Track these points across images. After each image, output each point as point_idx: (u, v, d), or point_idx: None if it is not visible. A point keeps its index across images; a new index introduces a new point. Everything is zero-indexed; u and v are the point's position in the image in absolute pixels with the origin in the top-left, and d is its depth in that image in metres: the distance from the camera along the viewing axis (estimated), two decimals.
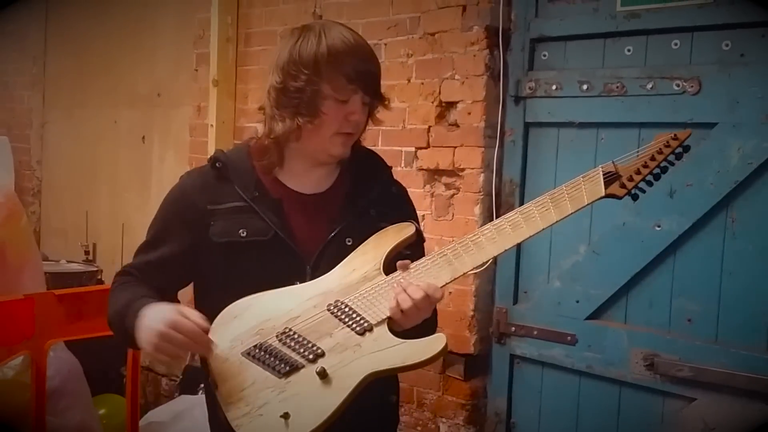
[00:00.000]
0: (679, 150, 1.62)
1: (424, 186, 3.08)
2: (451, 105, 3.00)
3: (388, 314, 1.55)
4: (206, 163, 1.76)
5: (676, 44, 2.53)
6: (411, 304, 1.52)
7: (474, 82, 2.91)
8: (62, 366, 2.98)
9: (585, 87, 2.70)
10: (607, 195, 1.59)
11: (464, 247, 1.60)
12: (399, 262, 1.61)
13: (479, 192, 2.92)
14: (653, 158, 1.61)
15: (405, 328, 1.55)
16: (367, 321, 1.55)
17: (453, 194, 3.00)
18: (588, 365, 2.70)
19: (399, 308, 1.53)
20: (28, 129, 5.50)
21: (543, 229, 1.59)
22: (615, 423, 2.66)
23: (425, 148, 3.08)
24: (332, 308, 1.59)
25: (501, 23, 2.87)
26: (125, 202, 4.74)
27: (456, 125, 2.98)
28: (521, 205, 1.67)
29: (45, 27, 5.43)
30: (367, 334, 1.54)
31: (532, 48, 2.86)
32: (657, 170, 1.61)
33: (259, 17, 3.83)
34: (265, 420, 1.48)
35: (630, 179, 1.60)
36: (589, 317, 2.71)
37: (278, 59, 1.68)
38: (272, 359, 1.54)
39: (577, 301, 2.73)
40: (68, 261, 4.32)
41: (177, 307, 1.54)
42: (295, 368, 1.52)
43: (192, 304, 1.78)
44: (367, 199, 1.75)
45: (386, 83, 2.87)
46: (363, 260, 1.65)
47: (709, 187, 2.44)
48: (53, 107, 5.41)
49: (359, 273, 1.63)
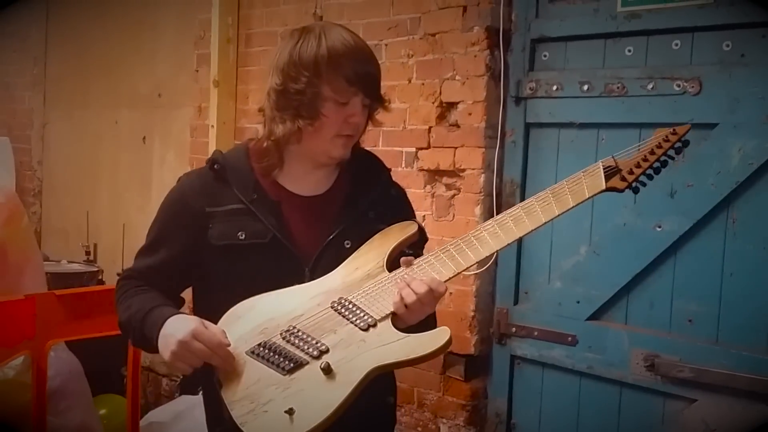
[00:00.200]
0: (679, 144, 1.63)
1: (425, 186, 3.08)
2: (452, 105, 3.00)
3: (392, 309, 1.55)
4: (204, 165, 1.75)
5: (677, 45, 2.53)
6: (415, 299, 1.52)
7: (475, 83, 2.92)
8: (63, 366, 2.98)
9: (586, 87, 2.70)
10: (608, 188, 1.60)
11: (467, 243, 1.61)
12: (402, 259, 1.62)
13: (480, 192, 2.92)
14: (653, 152, 1.62)
15: (409, 324, 1.55)
16: (371, 317, 1.55)
17: (454, 195, 3.00)
18: (588, 366, 2.69)
19: (403, 303, 1.53)
20: (29, 129, 5.50)
21: (545, 223, 1.59)
22: (615, 424, 2.66)
23: (426, 149, 3.08)
24: (336, 305, 1.59)
25: (501, 24, 2.87)
26: (126, 203, 4.74)
27: (457, 126, 2.98)
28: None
29: (46, 28, 5.42)
30: (371, 330, 1.54)
31: (533, 48, 2.86)
32: (657, 164, 1.62)
33: (260, 18, 3.83)
34: (270, 416, 1.48)
35: (630, 172, 1.61)
36: (590, 318, 2.71)
37: (278, 61, 1.68)
38: (277, 357, 1.54)
39: (578, 302, 2.73)
40: (69, 261, 4.31)
41: (199, 319, 1.57)
42: (300, 365, 1.52)
43: (190, 306, 1.78)
44: (366, 202, 1.74)
45: (387, 84, 2.89)
46: (366, 258, 1.66)
47: (710, 188, 2.44)
48: (54, 108, 5.41)
49: (362, 271, 1.64)
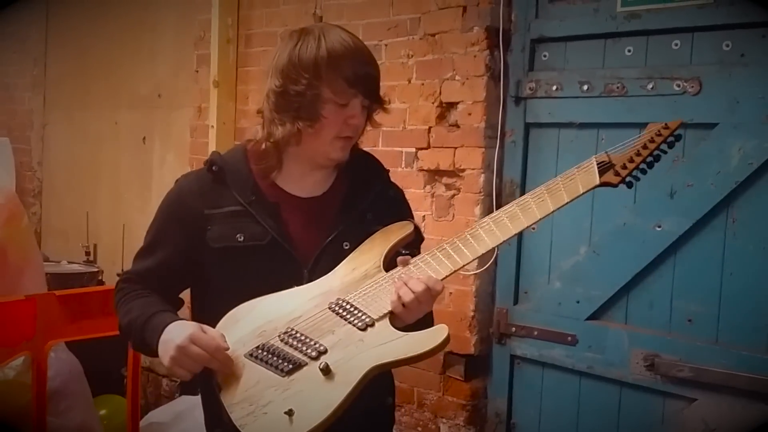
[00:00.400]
0: (671, 139, 1.63)
1: (425, 186, 3.08)
2: (452, 106, 3.00)
3: (390, 309, 1.55)
4: (202, 167, 1.74)
5: (677, 45, 2.54)
6: (412, 297, 1.52)
7: (474, 83, 2.92)
8: (63, 367, 2.98)
9: (585, 87, 2.70)
10: (602, 183, 1.61)
11: (463, 241, 1.61)
12: (399, 258, 1.62)
13: (479, 192, 2.92)
14: (645, 147, 1.63)
15: (407, 323, 1.56)
16: (369, 316, 1.55)
17: (453, 195, 3.00)
18: (588, 366, 2.70)
19: (401, 302, 1.53)
20: (29, 130, 5.50)
21: (540, 219, 1.60)
22: (615, 423, 2.66)
23: (426, 149, 3.08)
24: (334, 306, 1.59)
25: (501, 24, 2.87)
26: (126, 203, 4.74)
27: (456, 126, 2.99)
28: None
29: (46, 28, 5.42)
30: (370, 329, 1.54)
31: (533, 48, 2.86)
32: (650, 158, 1.63)
33: (260, 18, 3.83)
34: (270, 418, 1.48)
35: (623, 167, 1.62)
36: (590, 318, 2.71)
37: (277, 62, 1.67)
38: (275, 359, 1.54)
39: (578, 302, 2.73)
40: (69, 262, 4.32)
41: (198, 324, 1.57)
42: (298, 366, 1.52)
43: (189, 309, 1.78)
44: (364, 203, 1.74)
45: (387, 84, 2.90)
46: (363, 259, 1.66)
47: (710, 188, 2.44)
48: (54, 109, 5.41)
49: (360, 271, 1.64)
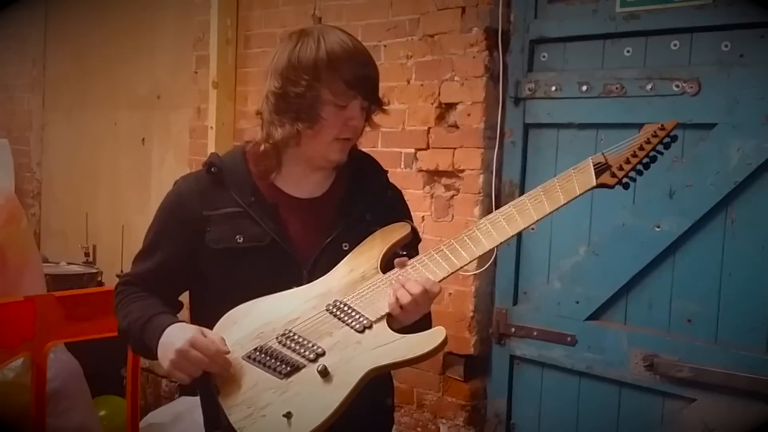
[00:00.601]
0: (667, 140, 1.64)
1: (424, 187, 3.08)
2: (451, 106, 3.00)
3: (388, 311, 1.55)
4: (201, 168, 1.74)
5: (676, 45, 2.54)
6: (410, 299, 1.53)
7: (473, 84, 2.92)
8: (62, 368, 2.98)
9: (584, 88, 2.70)
10: (599, 185, 1.62)
11: (460, 243, 1.61)
12: (397, 260, 1.62)
13: (479, 193, 2.93)
14: (642, 148, 1.63)
15: (404, 325, 1.56)
16: (367, 318, 1.56)
17: (453, 195, 3.00)
18: (588, 366, 2.70)
19: (398, 304, 1.54)
20: (28, 131, 5.50)
21: (537, 221, 1.61)
22: (615, 424, 2.66)
23: (425, 150, 3.08)
24: (331, 308, 1.59)
25: (500, 25, 2.87)
26: (125, 204, 4.74)
27: (455, 126, 2.99)
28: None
29: (45, 29, 5.42)
30: (367, 331, 1.54)
31: (532, 49, 2.86)
32: (646, 159, 1.63)
33: (259, 19, 3.83)
34: (268, 420, 1.48)
35: (620, 168, 1.62)
36: (589, 318, 2.71)
37: (276, 64, 1.67)
38: (273, 361, 1.54)
39: (577, 302, 2.73)
40: (68, 263, 4.32)
41: (197, 327, 1.57)
42: (296, 368, 1.52)
43: (188, 311, 1.78)
44: (363, 204, 1.74)
45: (386, 85, 2.89)
46: (360, 260, 1.66)
47: (709, 188, 2.44)
48: (53, 109, 5.41)
49: (357, 273, 1.64)
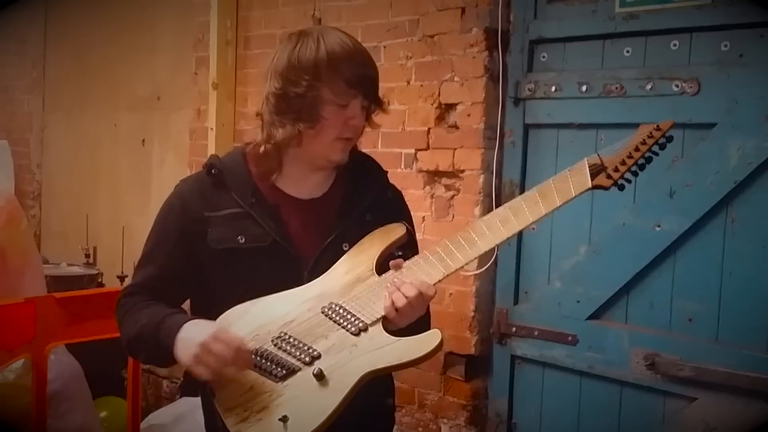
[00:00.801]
0: (663, 140, 1.63)
1: (424, 187, 3.08)
2: (451, 107, 3.00)
3: (383, 313, 1.55)
4: (202, 170, 1.74)
5: (675, 45, 2.54)
6: (405, 302, 1.53)
7: (473, 84, 2.92)
8: (63, 369, 2.98)
9: (584, 88, 2.70)
10: (594, 186, 1.61)
11: (455, 245, 1.60)
12: (392, 262, 1.62)
13: (479, 193, 2.93)
14: (637, 149, 1.62)
15: (400, 327, 1.56)
16: (362, 321, 1.56)
17: (453, 195, 3.00)
18: (589, 365, 2.70)
19: (393, 307, 1.54)
20: (28, 133, 5.49)
21: (532, 223, 1.61)
22: (616, 423, 2.66)
23: (425, 150, 3.08)
24: (327, 310, 1.59)
25: (500, 25, 2.87)
26: (125, 205, 4.74)
27: (455, 127, 2.99)
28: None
29: (44, 30, 5.42)
30: (363, 334, 1.54)
31: (531, 49, 2.86)
32: (642, 161, 1.62)
33: (259, 20, 3.83)
34: (264, 424, 1.49)
35: (615, 170, 1.61)
36: (590, 317, 2.71)
37: (276, 65, 1.67)
38: (269, 364, 1.54)
39: (578, 302, 2.73)
40: (69, 264, 4.32)
41: (217, 323, 1.57)
42: (292, 371, 1.53)
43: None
44: (363, 204, 1.74)
45: (386, 85, 2.89)
46: (356, 262, 1.65)
47: (709, 188, 2.44)
48: (53, 111, 5.41)
49: (353, 275, 1.64)
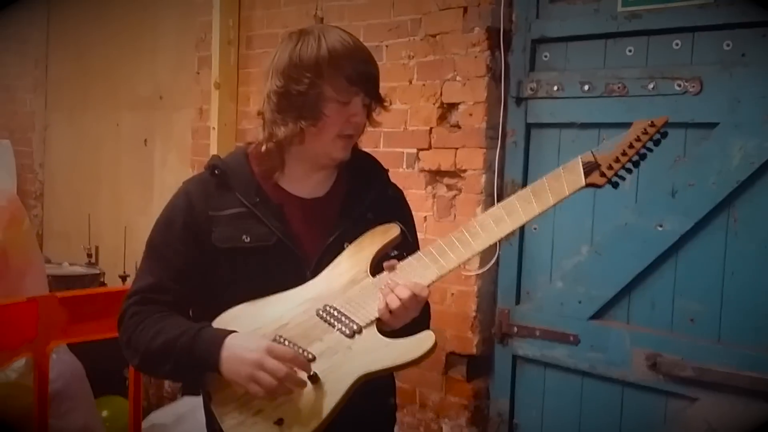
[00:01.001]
0: (657, 136, 1.61)
1: (426, 187, 3.08)
2: (453, 106, 3.00)
3: (377, 315, 1.55)
4: (204, 171, 1.74)
5: (677, 44, 2.54)
6: (399, 305, 1.53)
7: (475, 84, 2.92)
8: (65, 368, 2.98)
9: (586, 88, 2.70)
10: (588, 185, 1.60)
11: (449, 245, 1.60)
12: (386, 263, 1.61)
13: (481, 193, 2.92)
14: (631, 146, 1.60)
15: (394, 328, 1.55)
16: (356, 323, 1.55)
17: (455, 195, 3.00)
18: (591, 365, 2.69)
19: (387, 309, 1.53)
20: (31, 132, 5.51)
21: (526, 222, 1.60)
22: (618, 423, 2.66)
23: (427, 150, 3.08)
24: (321, 312, 1.59)
25: (502, 24, 2.87)
26: (127, 205, 4.75)
27: (457, 126, 2.99)
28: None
29: (47, 30, 5.43)
30: (357, 337, 1.54)
31: (533, 49, 2.86)
32: (636, 158, 1.61)
33: (261, 20, 3.83)
34: (260, 427, 1.49)
35: (609, 168, 1.60)
36: (592, 317, 2.71)
37: (277, 64, 1.68)
38: None
39: (580, 302, 2.73)
40: (71, 264, 4.33)
41: (263, 335, 1.55)
42: None
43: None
44: (364, 203, 1.74)
45: (388, 85, 2.90)
46: (350, 263, 1.65)
47: (711, 187, 2.44)
48: (55, 110, 5.42)
49: (347, 276, 1.63)
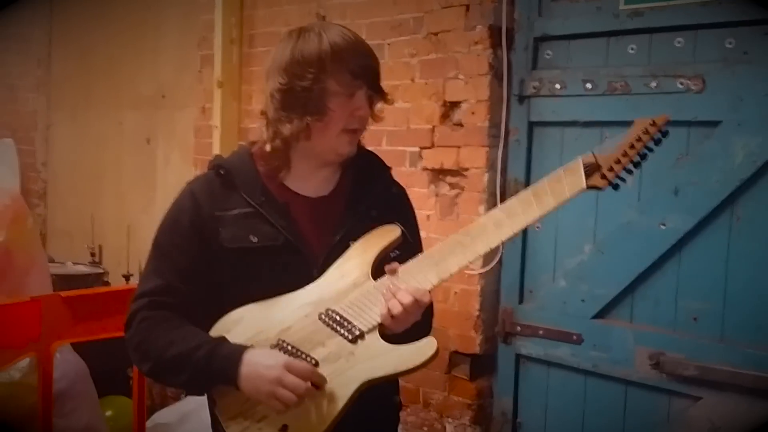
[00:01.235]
0: (658, 136, 1.59)
1: (429, 186, 3.08)
2: (455, 105, 3.00)
3: (379, 320, 1.55)
4: (209, 171, 1.73)
5: (680, 42, 2.53)
6: (401, 310, 1.53)
7: (478, 82, 2.91)
8: (69, 368, 2.98)
9: (589, 86, 2.69)
10: (589, 187, 1.59)
11: (450, 249, 1.59)
12: (387, 267, 1.61)
13: (483, 191, 2.92)
14: (632, 146, 1.59)
15: (396, 333, 1.56)
16: (359, 328, 1.55)
17: (457, 194, 3.00)
18: (594, 364, 2.69)
19: (389, 314, 1.54)
20: (33, 131, 5.52)
21: (527, 225, 1.59)
22: (621, 422, 2.66)
23: (429, 148, 3.08)
24: (323, 317, 1.58)
25: (504, 22, 2.86)
26: (130, 204, 4.75)
27: (460, 125, 2.98)
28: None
29: (50, 29, 5.44)
30: (359, 342, 1.54)
31: (536, 47, 2.86)
32: (637, 158, 1.60)
33: (263, 18, 3.83)
34: None
35: (610, 169, 1.59)
36: (595, 316, 2.70)
37: (279, 62, 1.68)
38: None
39: (583, 301, 2.73)
40: (74, 263, 4.33)
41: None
42: None
43: None
44: (368, 200, 1.74)
45: (390, 83, 2.89)
46: (351, 266, 1.64)
47: (714, 186, 2.43)
48: (58, 109, 5.43)
49: (348, 280, 1.62)
